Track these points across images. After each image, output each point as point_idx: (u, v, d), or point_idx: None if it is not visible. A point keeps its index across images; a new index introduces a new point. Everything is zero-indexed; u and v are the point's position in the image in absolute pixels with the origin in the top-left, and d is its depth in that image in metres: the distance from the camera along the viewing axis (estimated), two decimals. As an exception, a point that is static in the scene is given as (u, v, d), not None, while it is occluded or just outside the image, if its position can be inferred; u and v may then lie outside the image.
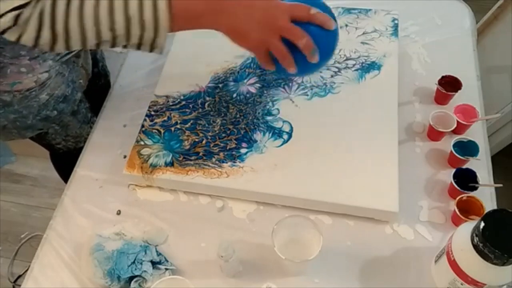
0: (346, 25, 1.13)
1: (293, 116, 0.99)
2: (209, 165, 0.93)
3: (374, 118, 0.97)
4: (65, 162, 1.29)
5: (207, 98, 1.03)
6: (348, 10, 1.16)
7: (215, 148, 0.95)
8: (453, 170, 0.89)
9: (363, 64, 1.06)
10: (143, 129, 0.99)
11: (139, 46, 0.71)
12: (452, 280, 0.74)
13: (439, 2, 1.23)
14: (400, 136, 0.96)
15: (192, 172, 0.92)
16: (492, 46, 1.52)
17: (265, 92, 1.03)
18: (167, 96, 1.04)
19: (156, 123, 1.00)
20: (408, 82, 1.07)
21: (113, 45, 0.71)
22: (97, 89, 1.21)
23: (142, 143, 0.96)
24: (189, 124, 0.99)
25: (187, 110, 1.01)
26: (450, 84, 1.01)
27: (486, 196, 0.89)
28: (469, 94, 1.04)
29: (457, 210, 0.84)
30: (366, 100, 1.00)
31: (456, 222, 0.86)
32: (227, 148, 0.95)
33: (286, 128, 0.97)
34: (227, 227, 0.90)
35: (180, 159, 0.94)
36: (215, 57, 1.10)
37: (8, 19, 0.62)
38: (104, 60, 1.28)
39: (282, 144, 0.95)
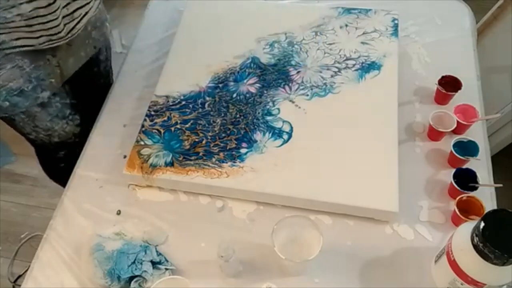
0: (346, 25, 1.14)
1: (293, 116, 0.99)
2: (209, 165, 0.93)
3: (374, 118, 0.97)
4: (46, 158, 1.27)
5: (207, 98, 1.03)
6: (348, 10, 1.16)
7: (215, 148, 0.95)
8: (453, 170, 0.89)
9: (363, 64, 1.06)
10: (143, 129, 0.99)
11: None
12: (452, 280, 0.74)
13: (439, 2, 1.23)
14: (400, 136, 0.96)
15: (192, 172, 0.92)
16: (492, 46, 1.52)
17: (265, 92, 1.03)
18: (167, 96, 1.04)
19: (156, 123, 1.00)
20: (408, 82, 1.07)
21: None
22: (97, 88, 1.21)
23: (142, 143, 0.96)
24: (189, 124, 0.99)
25: (187, 110, 1.01)
26: (450, 84, 1.01)
27: (486, 196, 0.89)
28: (469, 94, 1.04)
29: (457, 210, 0.84)
30: (366, 100, 1.00)
31: (456, 222, 0.86)
32: (227, 148, 0.95)
33: (286, 128, 0.97)
34: (227, 227, 0.90)
35: (180, 159, 0.94)
36: (215, 57, 1.10)
37: None
38: (108, 61, 1.27)
39: (282, 144, 0.95)
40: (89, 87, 1.18)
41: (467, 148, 0.92)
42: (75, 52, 1.04)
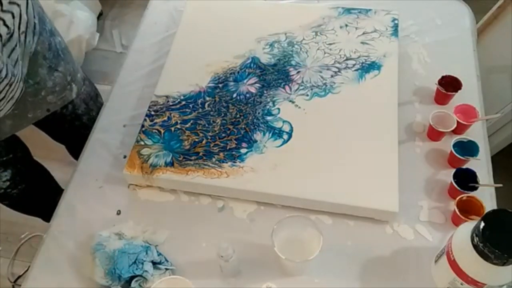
0: (346, 25, 1.13)
1: (293, 116, 0.99)
2: (209, 165, 0.93)
3: (374, 118, 0.97)
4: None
5: (207, 98, 1.03)
6: (348, 10, 1.16)
7: (215, 148, 0.95)
8: (453, 170, 0.89)
9: (363, 64, 1.06)
10: (143, 129, 0.99)
11: None
12: (452, 280, 0.74)
13: (439, 2, 1.23)
14: (400, 136, 0.96)
15: (192, 172, 0.92)
16: (492, 46, 1.52)
17: (265, 92, 1.03)
18: (167, 96, 1.04)
19: (156, 123, 1.00)
20: (408, 82, 1.07)
21: None
22: (65, 131, 1.22)
23: (142, 143, 0.96)
24: (189, 124, 0.99)
25: (187, 110, 1.01)
26: (450, 84, 1.01)
27: (486, 196, 0.89)
28: (469, 94, 1.04)
29: (457, 210, 0.84)
30: (366, 100, 1.00)
31: (456, 222, 0.86)
32: (227, 148, 0.95)
33: (286, 128, 0.97)
34: (227, 227, 0.90)
35: (180, 159, 0.94)
36: (215, 57, 1.10)
37: None
38: (92, 112, 1.21)
39: (282, 144, 0.95)
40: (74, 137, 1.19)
41: (467, 148, 0.92)
42: (19, 114, 0.98)
